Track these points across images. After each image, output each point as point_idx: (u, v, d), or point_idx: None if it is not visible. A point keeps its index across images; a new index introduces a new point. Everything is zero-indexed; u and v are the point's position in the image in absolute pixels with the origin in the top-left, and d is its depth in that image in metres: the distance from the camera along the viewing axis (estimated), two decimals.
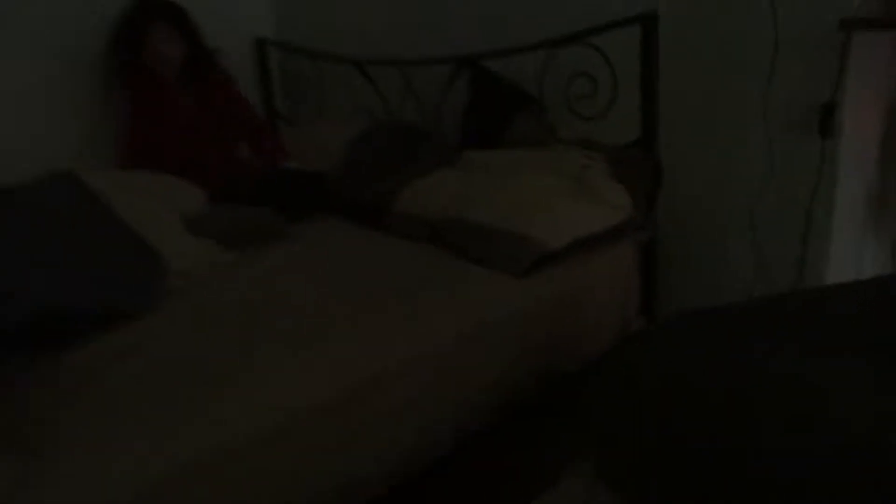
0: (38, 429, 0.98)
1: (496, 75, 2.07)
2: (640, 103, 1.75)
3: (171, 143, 2.11)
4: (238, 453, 1.01)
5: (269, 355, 1.16)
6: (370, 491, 1.18)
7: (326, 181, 2.02)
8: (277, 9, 2.81)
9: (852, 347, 0.95)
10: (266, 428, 1.04)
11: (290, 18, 2.78)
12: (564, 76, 1.88)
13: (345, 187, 1.99)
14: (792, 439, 0.80)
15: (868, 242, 1.80)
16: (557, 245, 1.54)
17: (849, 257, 1.76)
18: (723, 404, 0.88)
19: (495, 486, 1.36)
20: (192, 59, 2.21)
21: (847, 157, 1.65)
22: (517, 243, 1.53)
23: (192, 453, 0.97)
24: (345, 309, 1.33)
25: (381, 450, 1.19)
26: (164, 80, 2.16)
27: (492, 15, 2.15)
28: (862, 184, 1.74)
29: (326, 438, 1.10)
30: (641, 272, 1.78)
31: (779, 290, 1.71)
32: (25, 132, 2.16)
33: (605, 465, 0.99)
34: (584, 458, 1.04)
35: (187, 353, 1.17)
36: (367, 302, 1.37)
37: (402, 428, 1.22)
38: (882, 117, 1.70)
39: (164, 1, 2.19)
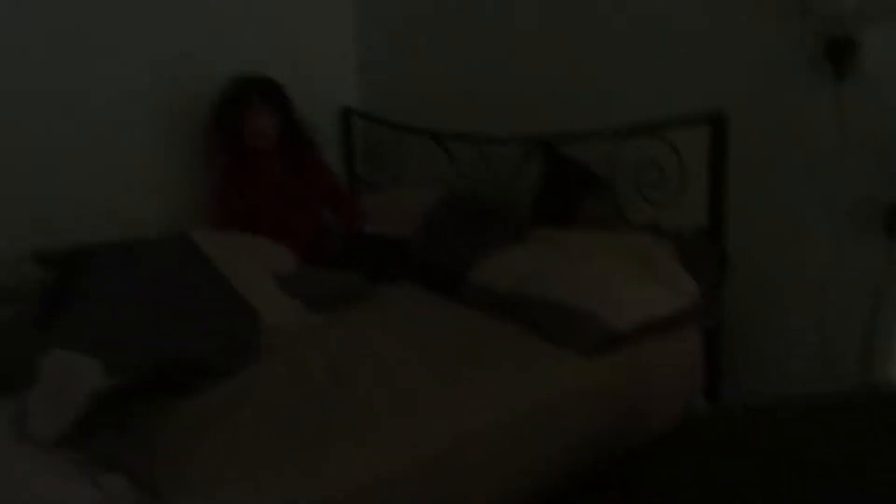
0: (159, 473, 1.10)
1: (568, 157, 2.19)
2: (708, 194, 1.84)
3: (262, 208, 2.28)
4: None
5: (362, 415, 1.26)
6: None
7: (406, 247, 2.15)
8: (362, 81, 3.02)
9: None
10: (364, 485, 1.13)
11: (374, 90, 2.98)
12: (634, 162, 1.99)
13: (422, 255, 2.12)
14: None
15: None
16: (625, 326, 1.62)
17: None
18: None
19: None
20: (284, 130, 2.36)
21: None
22: (586, 322, 1.61)
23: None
24: (426, 375, 1.43)
25: None
26: (258, 151, 2.32)
27: (566, 99, 2.28)
28: None
29: (410, 499, 1.19)
30: (706, 356, 1.83)
31: (843, 381, 1.75)
32: (133, 196, 2.44)
33: None
34: None
35: (286, 407, 1.28)
36: (446, 369, 1.47)
37: (473, 496, 1.30)
38: None
39: (261, 78, 2.35)
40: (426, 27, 2.73)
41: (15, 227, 2.16)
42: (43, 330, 1.32)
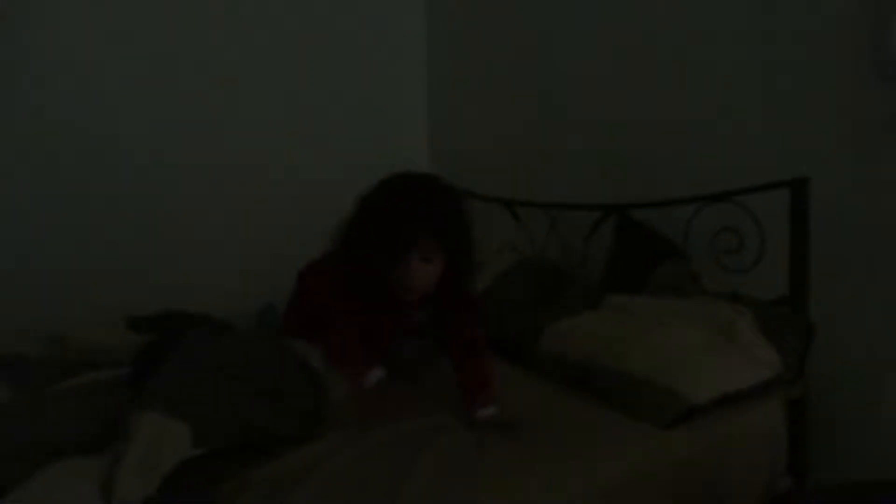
0: None
1: (641, 223, 2.18)
2: (789, 261, 1.79)
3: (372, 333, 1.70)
4: None
5: (430, 489, 1.26)
6: None
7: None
8: (433, 147, 3.11)
9: None
10: None
11: (444, 156, 3.06)
12: (711, 229, 1.96)
13: (491, 320, 2.12)
14: None
15: None
16: (703, 399, 1.57)
17: None
18: None
19: None
20: (448, 278, 1.65)
21: None
22: (662, 396, 1.57)
23: None
24: (502, 446, 1.42)
25: None
26: (400, 300, 1.66)
27: (639, 165, 2.29)
28: None
29: None
30: (790, 430, 1.75)
31: None
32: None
33: None
34: None
35: (357, 474, 1.29)
36: (524, 441, 1.45)
37: None
38: None
39: (447, 209, 1.61)
40: (497, 93, 2.81)
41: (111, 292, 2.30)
42: (134, 391, 1.38)
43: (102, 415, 1.36)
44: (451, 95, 3.03)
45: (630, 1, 2.29)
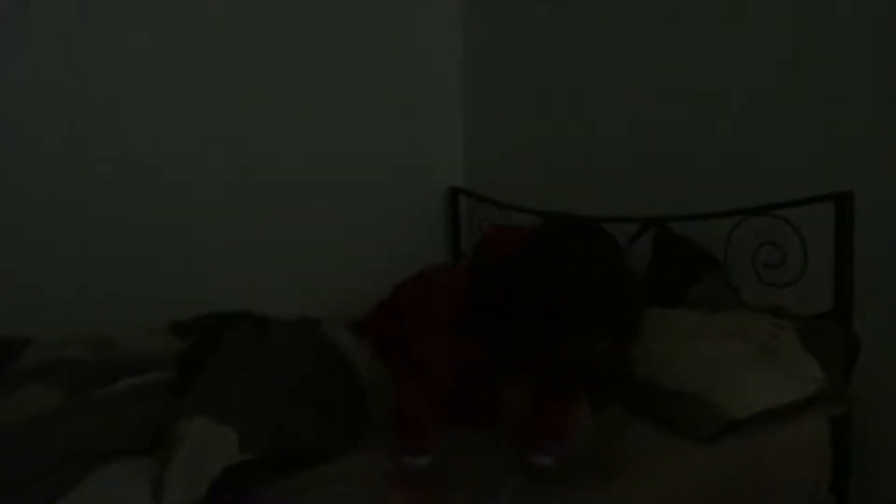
0: None
1: (680, 236, 2.16)
2: (833, 275, 1.77)
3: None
4: None
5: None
6: None
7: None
8: (468, 161, 3.12)
9: None
10: None
11: (481, 170, 3.08)
12: (752, 243, 1.94)
13: None
14: None
15: None
16: (744, 414, 1.55)
17: None
18: None
19: None
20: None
21: None
22: (703, 410, 1.55)
23: None
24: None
25: None
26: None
27: (676, 178, 2.28)
28: None
29: None
30: (834, 448, 1.72)
31: None
32: None
33: None
34: None
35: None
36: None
37: None
38: None
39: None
40: (535, 106, 2.81)
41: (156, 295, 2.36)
42: (178, 397, 1.41)
43: (148, 420, 1.39)
44: (486, 107, 3.04)
45: (666, 7, 2.29)
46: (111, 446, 1.31)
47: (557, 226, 1.39)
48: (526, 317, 1.25)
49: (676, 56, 2.26)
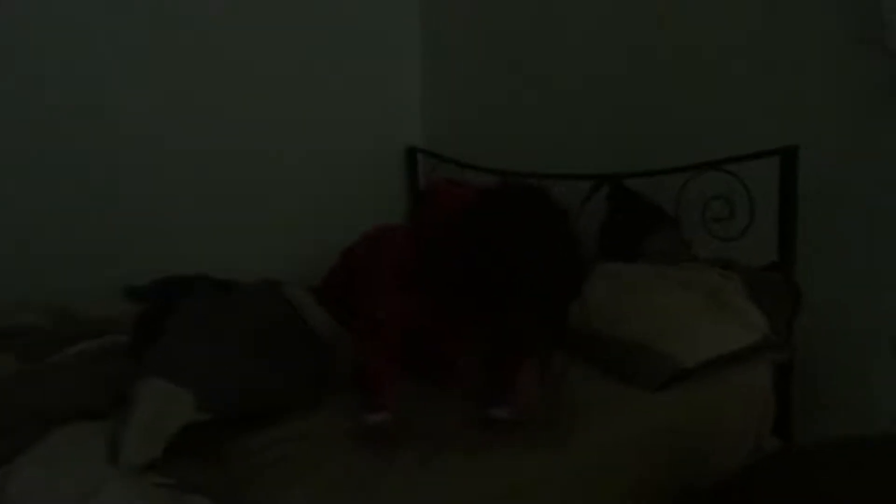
0: (243, 490, 1.16)
1: (634, 192, 2.20)
2: (778, 228, 1.82)
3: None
4: None
5: (436, 458, 1.30)
6: None
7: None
8: (426, 120, 3.11)
9: None
10: None
11: (438, 129, 3.07)
12: (702, 198, 1.98)
13: None
14: None
15: None
16: (692, 362, 1.61)
17: None
18: None
19: None
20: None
21: None
22: (652, 359, 1.61)
23: None
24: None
25: None
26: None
27: (631, 135, 2.30)
28: None
29: None
30: (777, 393, 1.79)
31: None
32: None
33: None
34: None
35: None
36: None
37: None
38: None
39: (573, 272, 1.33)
40: (492, 65, 2.81)
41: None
42: (135, 360, 1.41)
43: (105, 382, 1.39)
44: (444, 66, 3.02)
45: None
46: (70, 407, 1.31)
47: (503, 190, 1.37)
48: (472, 285, 1.26)
49: (633, 14, 2.27)
